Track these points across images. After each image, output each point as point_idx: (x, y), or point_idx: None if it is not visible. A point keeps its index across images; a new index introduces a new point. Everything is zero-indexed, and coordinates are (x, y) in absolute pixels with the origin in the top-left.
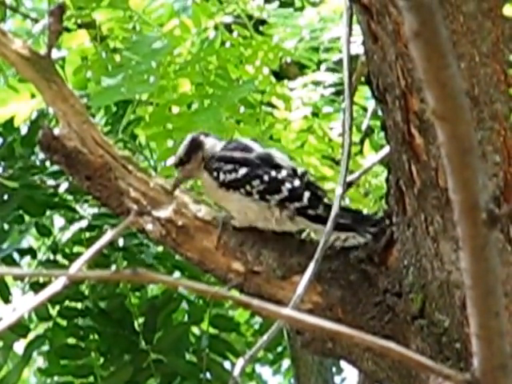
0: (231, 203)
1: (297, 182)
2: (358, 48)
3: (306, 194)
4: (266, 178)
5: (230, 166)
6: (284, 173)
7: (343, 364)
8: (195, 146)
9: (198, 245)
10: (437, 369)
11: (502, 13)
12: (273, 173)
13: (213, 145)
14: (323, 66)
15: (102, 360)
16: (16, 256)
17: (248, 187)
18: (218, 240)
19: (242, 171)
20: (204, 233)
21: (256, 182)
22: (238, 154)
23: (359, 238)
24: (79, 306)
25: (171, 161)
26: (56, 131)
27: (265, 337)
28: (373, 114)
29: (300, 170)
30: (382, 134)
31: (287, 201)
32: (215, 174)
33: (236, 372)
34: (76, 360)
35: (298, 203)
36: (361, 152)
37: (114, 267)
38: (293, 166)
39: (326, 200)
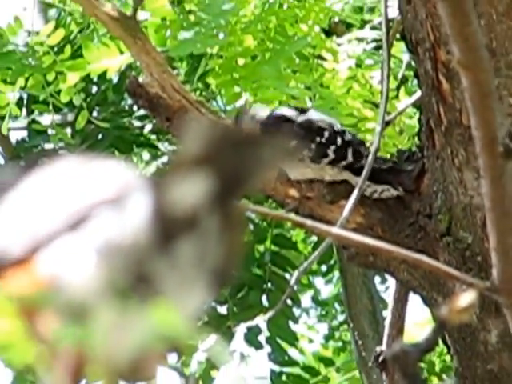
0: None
1: (339, 141)
2: (394, 12)
3: (350, 151)
4: (312, 146)
5: None
6: (326, 134)
7: (387, 275)
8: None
9: None
10: (462, 278)
11: None
12: (317, 139)
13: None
14: (368, 26)
15: None
16: None
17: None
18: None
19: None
20: None
21: (305, 153)
22: (285, 127)
23: (393, 191)
24: None
25: None
26: (140, 80)
27: (316, 252)
28: (407, 65)
29: (337, 127)
30: (415, 81)
31: (334, 162)
32: None
33: (292, 281)
34: None
35: (344, 162)
36: (397, 97)
37: None
38: (331, 123)
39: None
